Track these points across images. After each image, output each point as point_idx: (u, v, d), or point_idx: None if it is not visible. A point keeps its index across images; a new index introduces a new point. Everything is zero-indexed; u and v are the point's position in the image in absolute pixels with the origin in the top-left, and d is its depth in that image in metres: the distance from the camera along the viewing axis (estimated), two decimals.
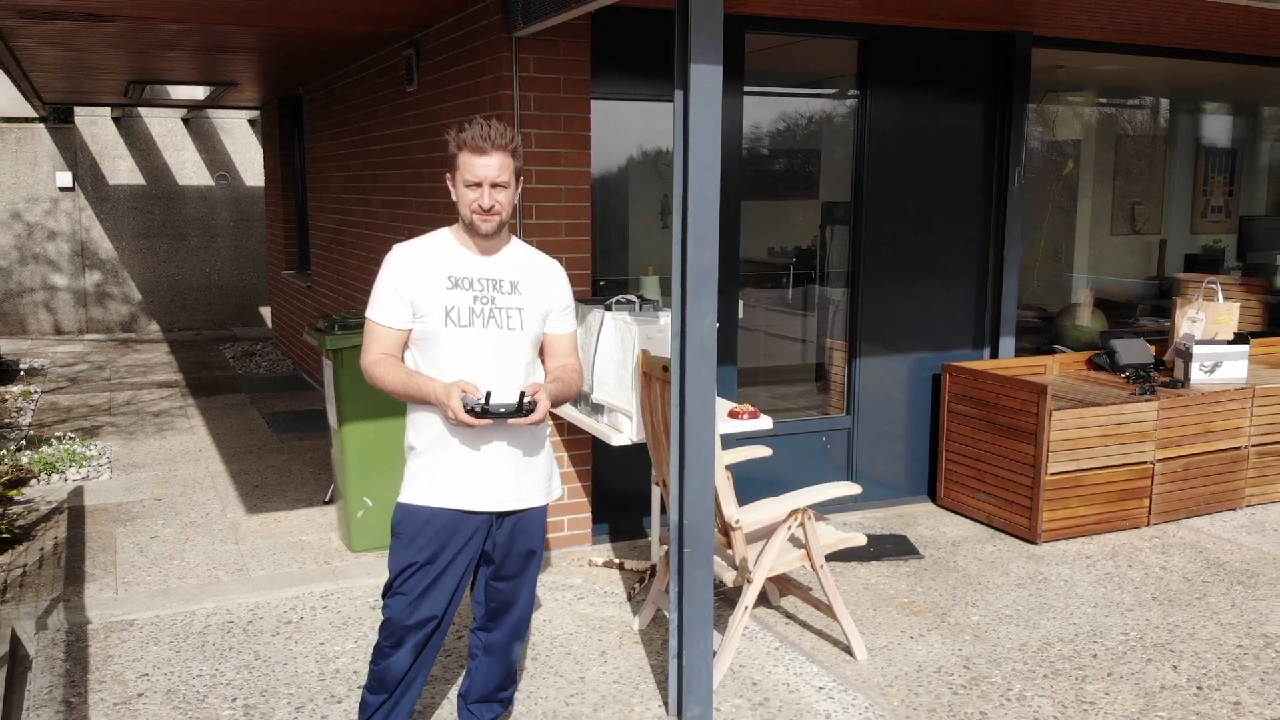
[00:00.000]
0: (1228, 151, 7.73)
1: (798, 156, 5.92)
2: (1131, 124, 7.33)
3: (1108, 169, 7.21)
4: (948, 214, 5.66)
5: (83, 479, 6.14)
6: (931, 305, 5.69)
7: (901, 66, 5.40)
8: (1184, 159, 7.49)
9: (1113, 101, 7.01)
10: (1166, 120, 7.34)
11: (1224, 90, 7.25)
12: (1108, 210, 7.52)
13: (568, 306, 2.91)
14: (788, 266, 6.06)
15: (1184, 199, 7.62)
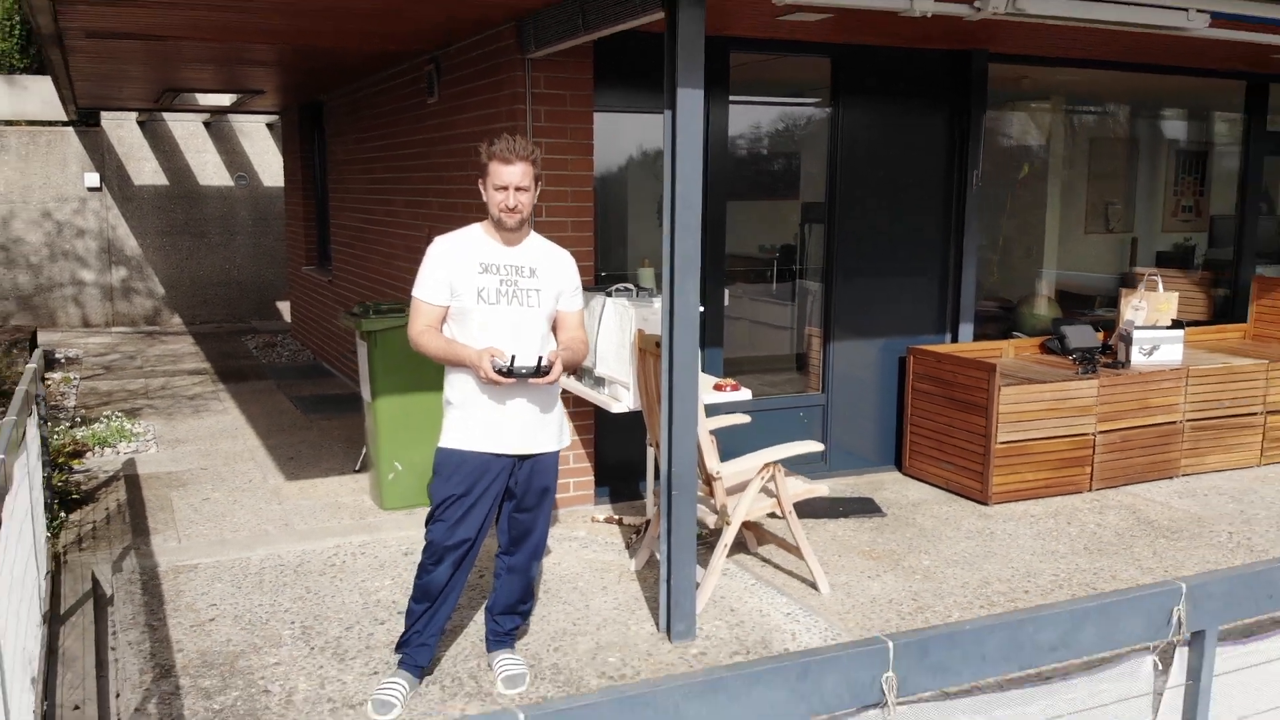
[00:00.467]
0: (1198, 154, 8.34)
1: (780, 160, 6.57)
2: (1103, 129, 7.95)
3: (1081, 171, 7.84)
4: (912, 213, 6.31)
5: (133, 452, 6.78)
6: (898, 295, 6.33)
7: (869, 80, 6.04)
8: (1155, 161, 8.09)
9: (1082, 108, 7.63)
10: (1137, 125, 7.96)
11: (1187, 98, 7.86)
12: (1081, 210, 8.15)
13: (576, 289, 3.55)
14: (772, 261, 6.72)
15: (1155, 199, 8.23)
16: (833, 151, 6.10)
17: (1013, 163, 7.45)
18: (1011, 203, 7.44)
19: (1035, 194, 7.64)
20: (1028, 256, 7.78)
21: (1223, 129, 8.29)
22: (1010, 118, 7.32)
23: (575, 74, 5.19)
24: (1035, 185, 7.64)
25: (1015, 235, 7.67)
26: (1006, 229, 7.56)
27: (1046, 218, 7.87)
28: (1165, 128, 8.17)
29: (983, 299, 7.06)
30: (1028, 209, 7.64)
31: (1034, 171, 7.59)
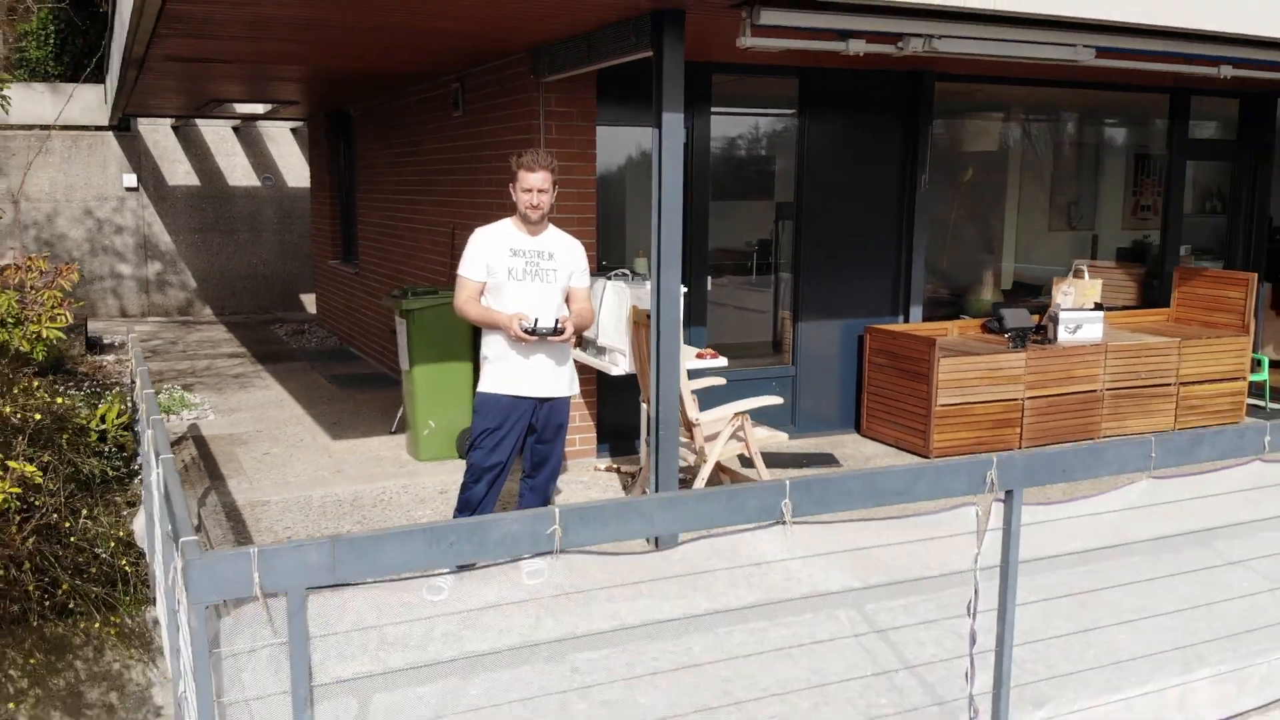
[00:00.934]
0: (1158, 157, 9.26)
1: (757, 165, 7.58)
2: (1061, 136, 8.88)
3: (1042, 174, 8.82)
4: (869, 212, 7.32)
5: (194, 419, 7.80)
6: (857, 283, 7.34)
7: (831, 97, 7.05)
8: (1115, 165, 9.04)
9: (1040, 118, 8.60)
10: (1095, 133, 8.92)
11: (1139, 108, 8.79)
12: (1045, 209, 9.14)
13: (584, 270, 4.56)
14: (752, 254, 7.73)
15: (1116, 199, 9.19)
16: (800, 158, 7.12)
17: (966, 167, 8.45)
18: (968, 202, 8.43)
19: (995, 195, 8.63)
20: (987, 250, 8.77)
21: (1211, 131, 9.19)
22: (967, 126, 8.33)
23: (581, 94, 6.20)
24: (995, 187, 8.63)
25: (974, 231, 8.65)
26: (966, 226, 8.55)
27: (1005, 216, 8.88)
28: (1123, 135, 9.11)
29: (937, 287, 8.08)
30: (988, 208, 8.62)
31: (990, 175, 8.58)
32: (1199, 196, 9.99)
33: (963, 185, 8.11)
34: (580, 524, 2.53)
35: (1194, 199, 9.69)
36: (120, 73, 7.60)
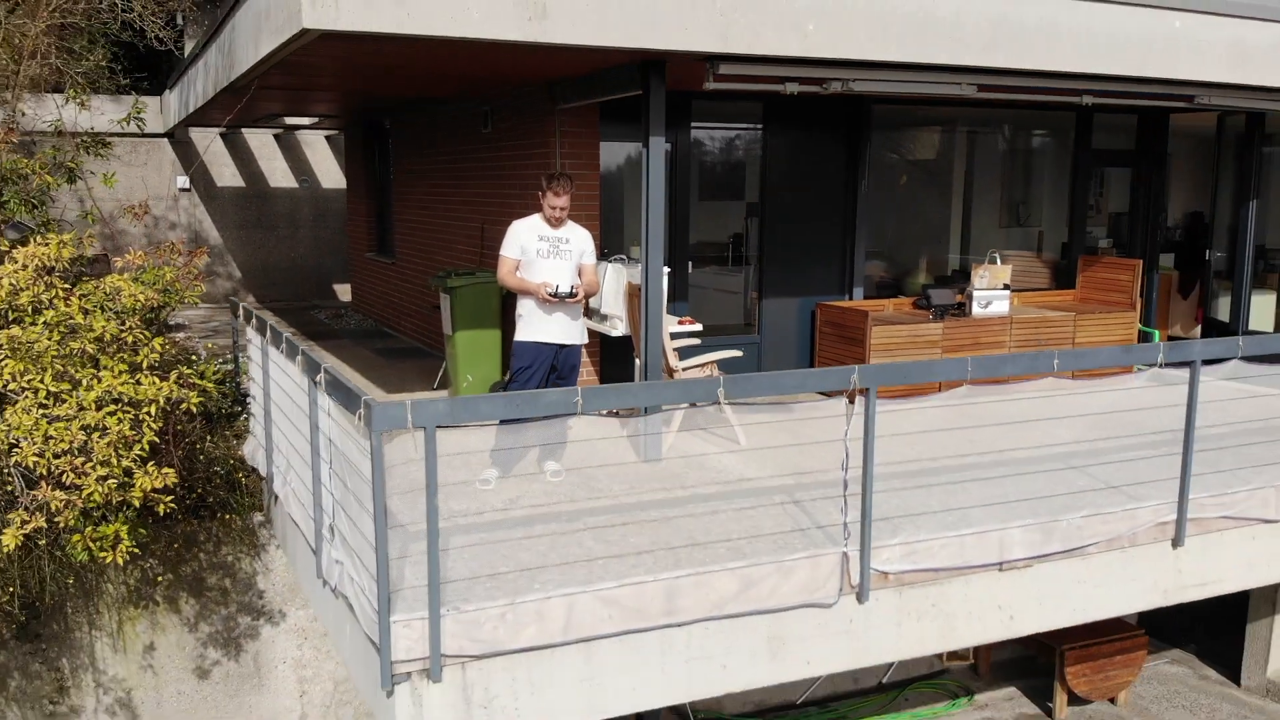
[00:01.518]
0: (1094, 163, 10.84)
1: (733, 171, 9.27)
2: (1004, 144, 10.53)
3: (991, 178, 10.45)
4: (821, 210, 9.02)
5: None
6: (810, 268, 9.04)
7: (788, 116, 8.74)
8: (1061, 168, 10.65)
9: (980, 130, 10.22)
10: (1035, 141, 10.56)
11: (1065, 122, 10.41)
12: (996, 207, 10.79)
13: (591, 251, 6.26)
14: (728, 245, 9.43)
15: (1062, 199, 10.79)
16: (764, 166, 8.81)
17: (906, 172, 10.14)
18: (913, 202, 10.11)
19: (941, 195, 10.28)
20: (931, 242, 10.43)
21: (1121, 141, 10.83)
22: (911, 138, 10.01)
23: (588, 118, 7.88)
24: (941, 188, 10.30)
25: (918, 225, 10.31)
26: (911, 221, 10.22)
27: (950, 213, 10.57)
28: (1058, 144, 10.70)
29: (882, 272, 9.77)
30: (933, 206, 10.27)
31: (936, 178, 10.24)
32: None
33: (900, 187, 9.80)
34: (593, 398, 4.24)
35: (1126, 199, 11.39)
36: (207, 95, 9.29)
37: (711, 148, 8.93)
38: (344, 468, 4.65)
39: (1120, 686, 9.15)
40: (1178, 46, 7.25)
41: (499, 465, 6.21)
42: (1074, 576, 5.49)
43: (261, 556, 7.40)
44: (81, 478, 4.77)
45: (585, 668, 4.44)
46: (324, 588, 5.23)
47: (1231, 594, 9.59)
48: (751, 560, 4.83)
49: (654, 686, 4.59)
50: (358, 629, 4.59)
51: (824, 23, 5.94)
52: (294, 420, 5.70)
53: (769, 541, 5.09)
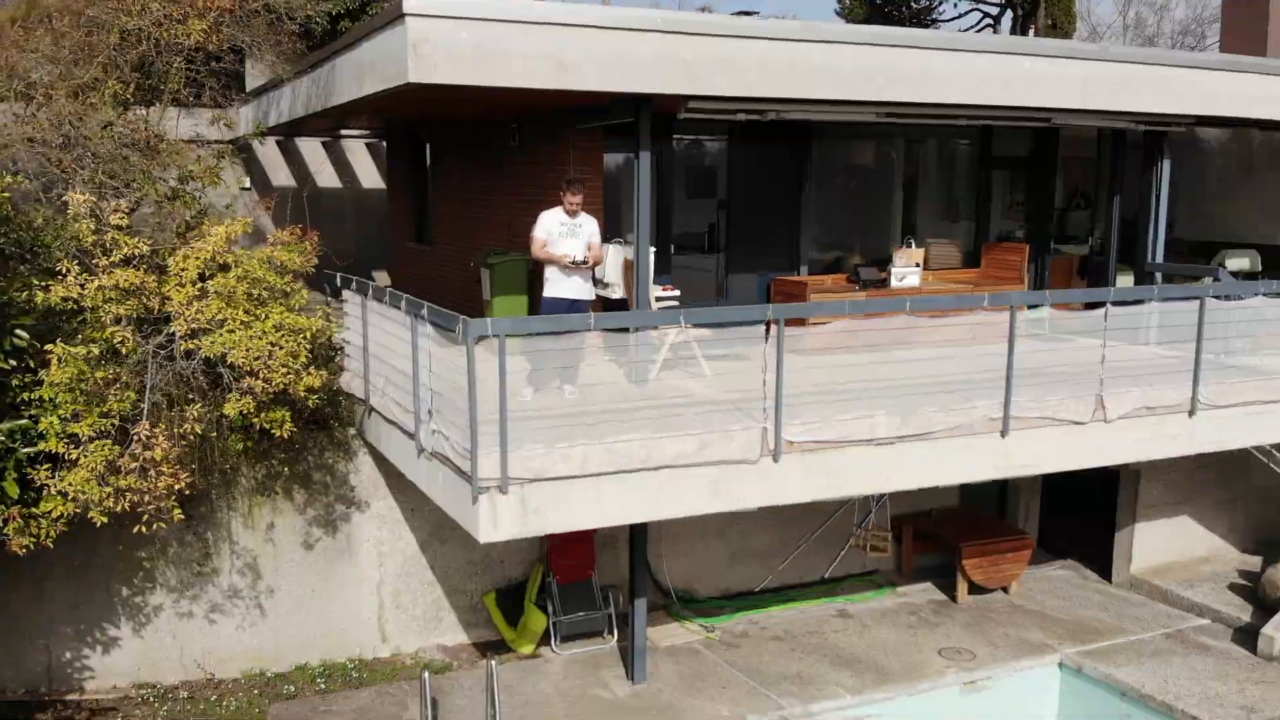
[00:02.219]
0: (1020, 169, 13.43)
1: (707, 175, 11.86)
2: (939, 151, 13.08)
3: (925, 179, 13.02)
4: (775, 207, 11.61)
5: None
6: (767, 252, 11.62)
7: (747, 133, 11.30)
8: (974, 172, 13.19)
9: (920, 140, 12.75)
10: (964, 148, 13.10)
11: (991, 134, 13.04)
12: (925, 203, 13.38)
13: (597, 232, 8.88)
14: (704, 234, 12.02)
15: (998, 198, 13.33)
16: (729, 171, 11.40)
17: (854, 176, 12.74)
18: (857, 199, 12.68)
19: (885, 194, 12.84)
20: (875, 232, 12.99)
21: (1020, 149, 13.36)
22: (859, 148, 12.59)
23: (593, 135, 10.45)
24: (884, 189, 12.86)
25: (861, 218, 12.84)
26: (856, 216, 12.78)
27: (892, 209, 13.14)
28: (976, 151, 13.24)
29: (828, 254, 12.34)
30: (878, 203, 12.84)
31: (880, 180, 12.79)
32: (1067, 196, 14.32)
33: (842, 188, 12.39)
34: (600, 320, 6.83)
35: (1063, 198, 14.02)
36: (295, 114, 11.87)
37: (690, 157, 11.52)
38: (440, 370, 7.22)
39: (1011, 578, 11.74)
40: (1032, 82, 9.81)
41: (533, 385, 8.78)
42: (927, 453, 8.08)
43: (353, 460, 9.97)
44: (270, 373, 7.37)
45: (592, 492, 7.03)
46: (419, 457, 7.80)
47: (1101, 513, 12.21)
48: (705, 431, 7.41)
49: (635, 507, 7.19)
50: (449, 474, 7.17)
51: (760, 74, 8.52)
52: (392, 348, 8.26)
53: (717, 422, 7.66)
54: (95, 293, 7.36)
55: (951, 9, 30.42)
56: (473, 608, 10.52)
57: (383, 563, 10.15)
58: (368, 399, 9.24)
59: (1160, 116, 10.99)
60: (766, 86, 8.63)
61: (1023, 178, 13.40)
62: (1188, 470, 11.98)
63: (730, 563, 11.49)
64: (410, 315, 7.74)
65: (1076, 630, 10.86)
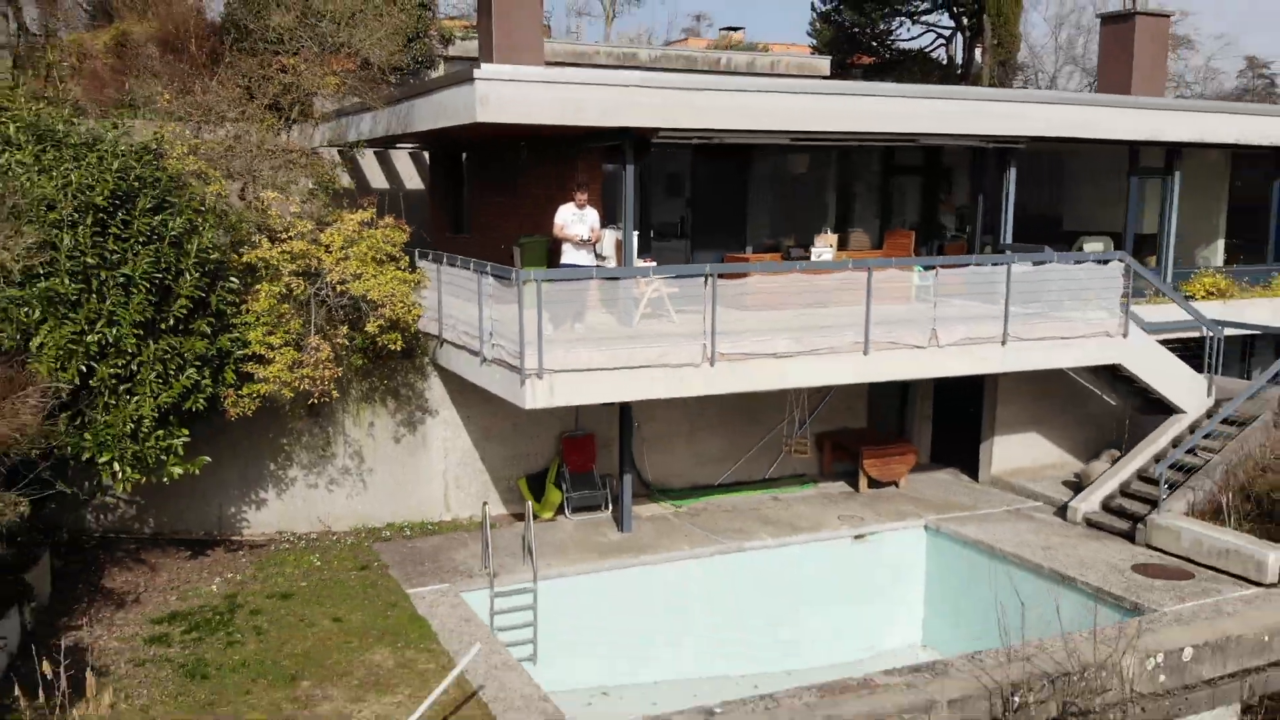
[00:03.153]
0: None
1: (678, 179, 16.14)
2: (859, 161, 17.41)
3: (849, 183, 17.33)
4: (728, 205, 15.89)
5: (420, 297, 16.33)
6: (720, 237, 15.90)
7: (705, 150, 15.58)
8: (913, 180, 17.53)
9: (844, 153, 17.12)
10: (883, 159, 17.44)
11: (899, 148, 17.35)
12: (850, 201, 17.68)
13: (598, 220, 13.18)
14: (677, 224, 16.32)
15: (882, 197, 17.68)
16: (693, 177, 15.69)
17: (794, 180, 17.01)
18: (796, 198, 16.98)
19: (818, 193, 17.15)
20: (810, 223, 17.25)
21: (918, 160, 17.77)
22: (794, 159, 16.88)
23: (594, 152, 14.69)
24: (819, 190, 17.16)
25: (800, 213, 17.13)
26: (795, 212, 17.06)
27: (826, 205, 17.42)
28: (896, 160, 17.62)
29: (771, 239, 16.59)
30: (812, 200, 17.15)
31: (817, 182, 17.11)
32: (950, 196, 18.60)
33: (782, 189, 16.67)
34: (601, 272, 11.15)
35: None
36: (375, 134, 16.14)
37: (665, 167, 15.79)
38: (495, 307, 11.49)
39: (899, 475, 16.02)
40: (896, 113, 14.07)
41: (554, 323, 13.03)
42: (811, 363, 12.34)
43: (428, 380, 14.22)
44: (393, 308, 11.65)
45: (592, 380, 11.28)
46: (481, 365, 12.05)
47: (972, 431, 16.44)
48: (668, 348, 11.67)
49: (621, 389, 11.46)
50: (504, 371, 11.43)
51: (708, 112, 12.79)
52: (459, 296, 12.51)
53: (677, 344, 11.92)
54: (278, 255, 11.62)
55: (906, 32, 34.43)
56: (510, 489, 14.78)
57: (447, 455, 14.42)
58: (440, 335, 13.47)
59: (1002, 137, 15.28)
60: (711, 120, 12.91)
61: (917, 183, 17.70)
62: (1036, 397, 16.26)
63: (695, 464, 15.76)
64: (478, 272, 12.00)
65: (942, 507, 15.13)
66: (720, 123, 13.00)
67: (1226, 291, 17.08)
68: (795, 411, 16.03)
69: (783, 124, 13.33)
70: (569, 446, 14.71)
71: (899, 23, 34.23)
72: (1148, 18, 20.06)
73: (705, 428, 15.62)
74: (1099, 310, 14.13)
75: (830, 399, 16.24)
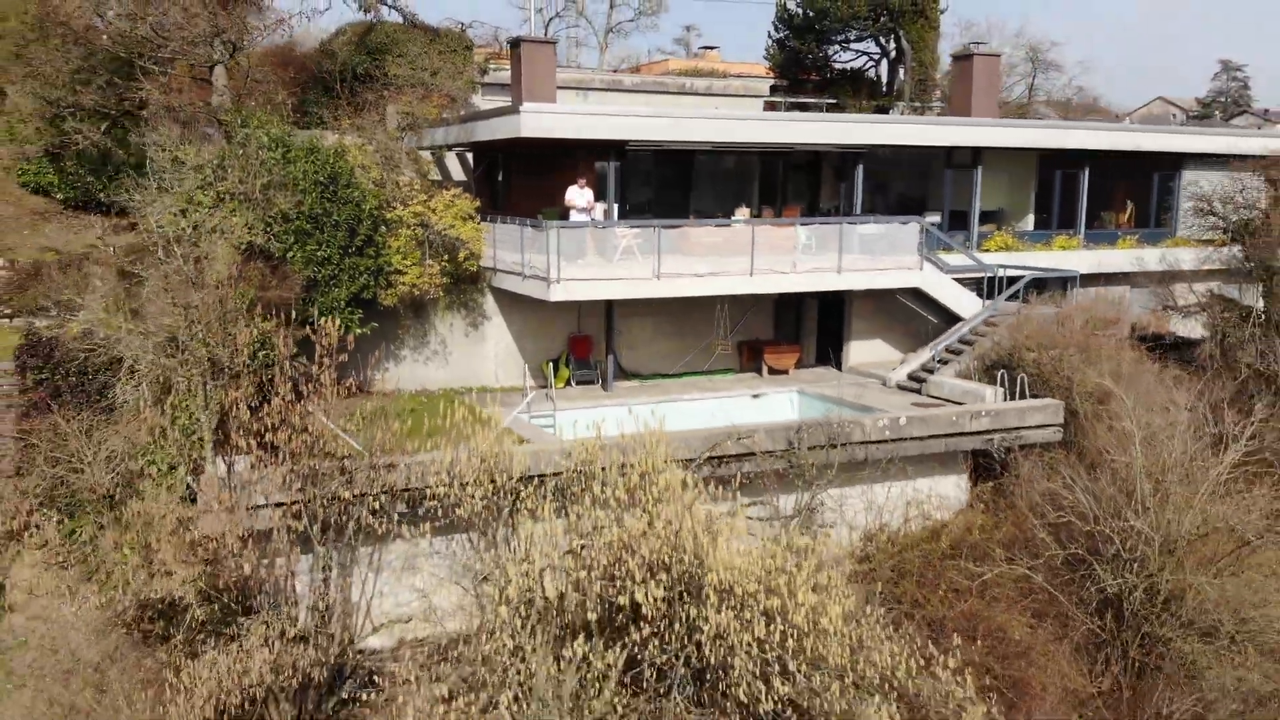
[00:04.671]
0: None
1: (647, 174, 24.66)
2: (772, 163, 25.95)
3: (767, 177, 25.85)
4: (676, 190, 24.45)
5: None
6: (673, 211, 24.43)
7: (661, 154, 24.09)
8: (784, 174, 26.08)
9: (763, 156, 25.62)
10: (780, 160, 25.98)
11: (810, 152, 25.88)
12: (766, 189, 26.18)
13: (592, 196, 21.69)
14: (645, 205, 24.89)
15: (792, 187, 26.20)
16: (655, 172, 24.24)
17: (725, 176, 25.53)
18: (727, 194, 25.52)
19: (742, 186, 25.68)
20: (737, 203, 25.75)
21: (836, 159, 26.29)
22: (724, 160, 25.40)
23: (590, 155, 23.17)
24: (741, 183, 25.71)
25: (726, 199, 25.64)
26: (722, 197, 25.58)
27: (751, 193, 25.96)
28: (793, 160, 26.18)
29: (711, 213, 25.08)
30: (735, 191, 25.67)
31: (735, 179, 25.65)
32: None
33: (714, 184, 25.21)
34: (596, 225, 19.76)
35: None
36: (447, 142, 24.67)
37: (636, 165, 24.28)
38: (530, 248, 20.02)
39: (788, 365, 24.63)
40: (775, 131, 22.59)
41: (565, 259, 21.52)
42: (719, 280, 20.86)
43: (485, 297, 22.73)
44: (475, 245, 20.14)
45: (591, 286, 19.80)
46: (523, 280, 20.56)
47: (838, 337, 25.21)
48: (634, 271, 20.20)
49: (605, 292, 19.99)
50: (537, 281, 19.95)
51: (660, 132, 21.31)
52: (505, 246, 21.02)
53: (639, 269, 20.44)
54: (407, 213, 20.11)
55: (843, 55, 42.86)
56: (537, 369, 23.29)
57: (496, 346, 22.93)
58: (495, 267, 21.97)
59: (847, 146, 23.79)
60: (662, 137, 21.43)
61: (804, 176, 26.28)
62: (878, 316, 24.81)
63: (655, 359, 24.27)
64: (520, 225, 20.54)
65: (811, 382, 23.67)
66: (668, 138, 21.51)
67: (1013, 247, 25.62)
68: (722, 326, 24.53)
69: (709, 139, 21.87)
70: (573, 342, 23.23)
71: (835, 49, 42.66)
72: (983, 57, 28.65)
73: (662, 336, 24.13)
74: (905, 254, 22.67)
75: (746, 318, 24.75)
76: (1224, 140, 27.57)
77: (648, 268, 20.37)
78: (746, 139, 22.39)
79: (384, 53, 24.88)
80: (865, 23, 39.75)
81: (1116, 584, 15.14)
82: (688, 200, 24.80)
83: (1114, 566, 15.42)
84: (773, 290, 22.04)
